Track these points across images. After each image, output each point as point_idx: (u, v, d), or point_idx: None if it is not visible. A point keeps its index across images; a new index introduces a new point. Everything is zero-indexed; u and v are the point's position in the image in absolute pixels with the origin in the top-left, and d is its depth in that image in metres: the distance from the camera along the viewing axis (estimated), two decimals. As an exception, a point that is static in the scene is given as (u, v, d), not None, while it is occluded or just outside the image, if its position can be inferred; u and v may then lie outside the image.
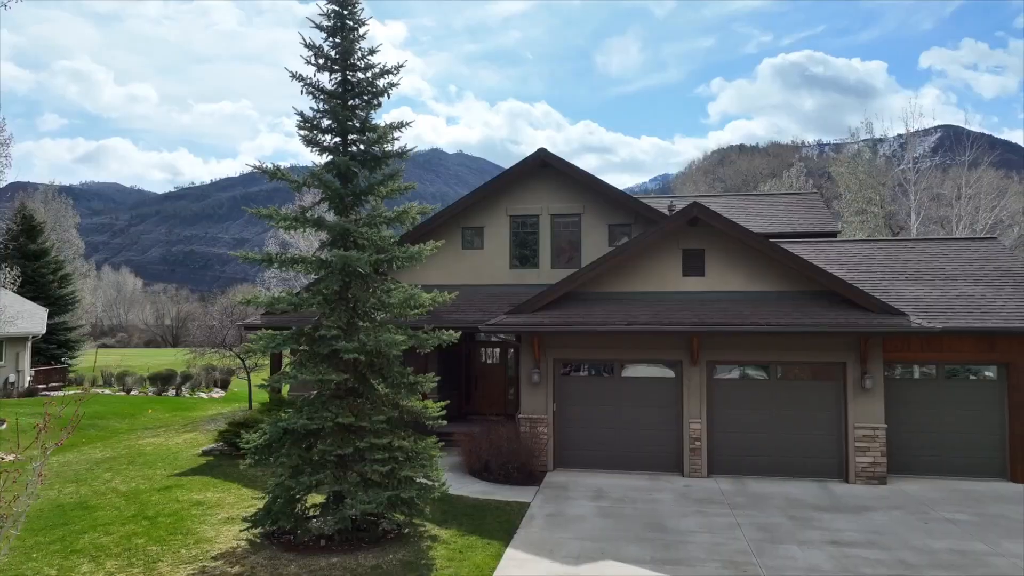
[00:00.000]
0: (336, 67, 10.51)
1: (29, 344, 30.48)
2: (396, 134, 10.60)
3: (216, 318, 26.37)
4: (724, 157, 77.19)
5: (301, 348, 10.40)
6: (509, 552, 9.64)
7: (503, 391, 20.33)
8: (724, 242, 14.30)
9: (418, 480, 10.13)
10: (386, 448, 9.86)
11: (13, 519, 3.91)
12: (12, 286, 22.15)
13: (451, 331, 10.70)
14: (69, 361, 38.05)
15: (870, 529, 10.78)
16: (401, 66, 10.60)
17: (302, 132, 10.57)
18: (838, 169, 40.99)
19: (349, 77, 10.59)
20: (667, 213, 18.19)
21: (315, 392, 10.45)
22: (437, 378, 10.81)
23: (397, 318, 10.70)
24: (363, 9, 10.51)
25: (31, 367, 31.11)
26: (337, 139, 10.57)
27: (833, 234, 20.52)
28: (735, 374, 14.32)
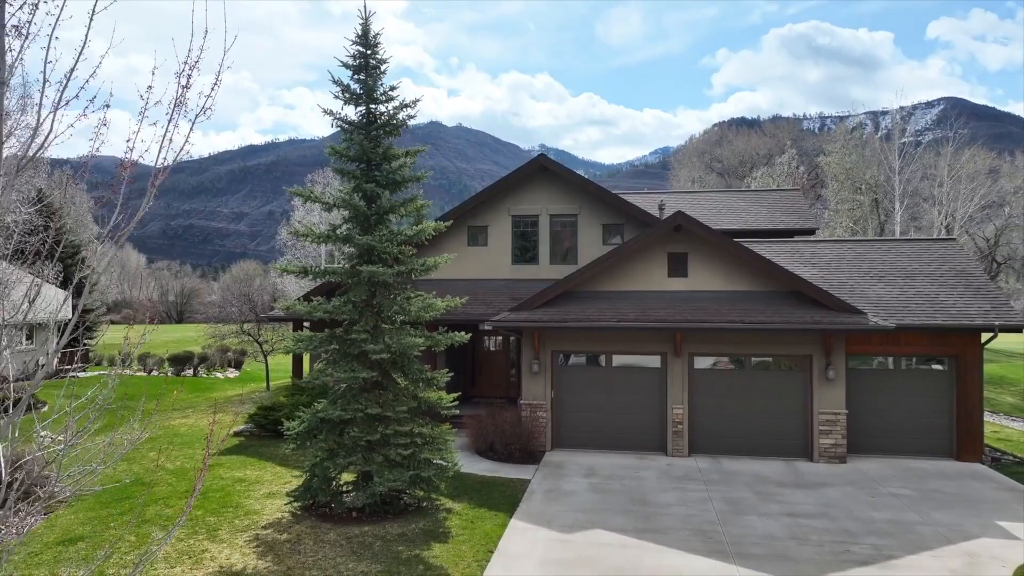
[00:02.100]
0: (361, 102, 11.96)
1: (55, 328, 32.16)
2: (410, 160, 12.13)
3: (235, 305, 27.93)
4: (722, 136, 78.06)
5: (332, 347, 12.02)
6: (513, 522, 11.38)
7: (505, 375, 22.01)
8: (705, 246, 15.86)
9: (435, 461, 11.83)
10: (408, 434, 11.54)
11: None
12: (55, 281, 23.77)
13: (461, 332, 12.33)
14: (89, 342, 39.74)
15: (823, 503, 12.52)
16: (418, 100, 12.07)
17: (332, 158, 12.07)
18: (827, 159, 42.22)
19: (372, 109, 12.05)
20: (656, 214, 19.71)
21: (344, 384, 12.08)
22: (450, 374, 12.46)
23: (415, 320, 12.31)
24: (385, 50, 11.94)
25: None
26: (363, 166, 12.06)
27: (812, 231, 22.05)
28: (714, 365, 15.98)
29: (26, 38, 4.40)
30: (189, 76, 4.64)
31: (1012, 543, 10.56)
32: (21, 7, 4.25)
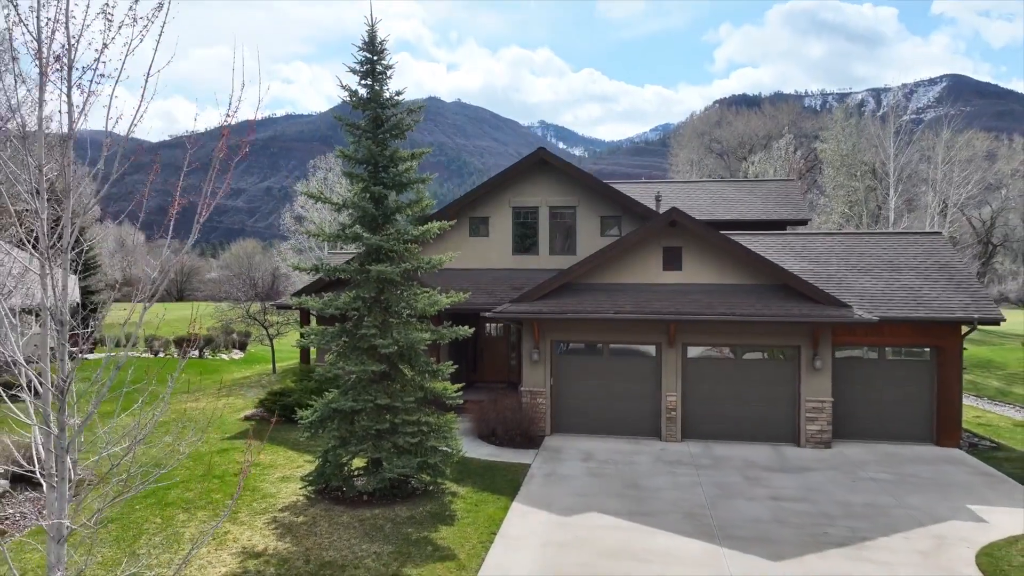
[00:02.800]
0: (368, 107, 12.48)
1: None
2: (414, 163, 12.70)
3: (240, 289, 28.55)
4: (722, 117, 78.05)
5: (343, 340, 12.68)
6: (514, 506, 12.13)
7: (506, 360, 22.71)
8: (698, 241, 16.47)
9: (441, 448, 12.55)
10: (415, 423, 12.25)
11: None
12: (74, 274, 24.63)
13: (465, 327, 13.00)
14: (95, 323, 40.50)
15: (806, 487, 13.29)
16: (421, 107, 12.61)
17: (341, 162, 12.61)
18: (823, 146, 42.69)
19: (380, 113, 12.57)
20: (652, 207, 20.27)
21: (354, 376, 12.75)
22: (455, 366, 13.15)
23: (421, 314, 12.96)
24: (390, 56, 12.43)
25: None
26: (370, 168, 12.61)
27: (805, 221, 22.65)
28: (706, 354, 16.67)
29: (88, 94, 4.98)
30: (229, 124, 5.22)
31: (980, 526, 11.33)
32: (84, 71, 4.82)
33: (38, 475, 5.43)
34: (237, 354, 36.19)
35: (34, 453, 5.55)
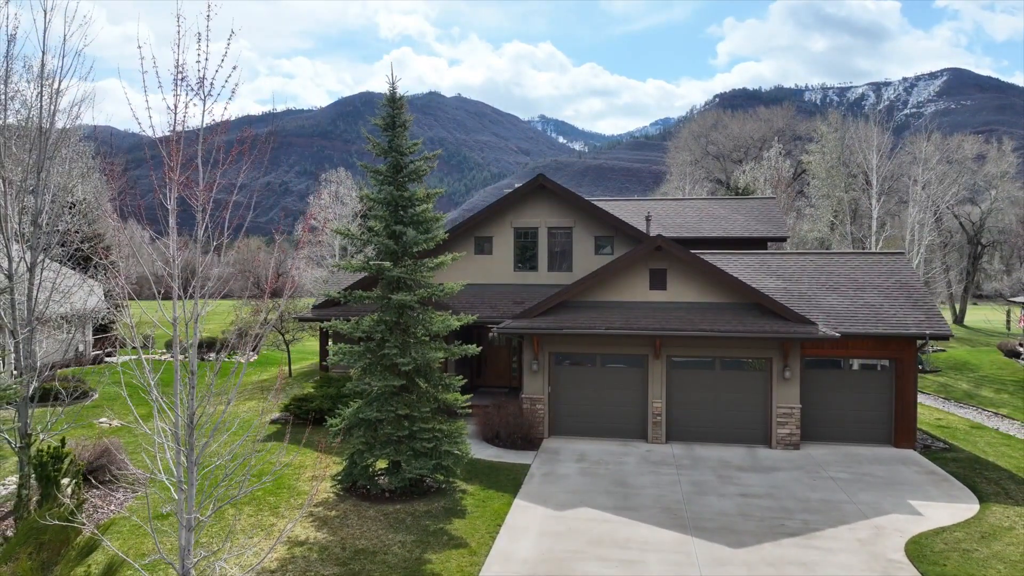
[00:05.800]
0: (389, 155, 14.33)
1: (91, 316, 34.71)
2: (429, 205, 14.54)
3: (250, 291, 30.45)
4: (718, 120, 79.78)
5: (368, 358, 14.54)
6: (516, 501, 14.03)
7: (508, 366, 24.60)
8: (681, 264, 18.33)
9: (452, 452, 14.43)
10: (430, 430, 14.14)
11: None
12: (100, 287, 26.43)
13: (473, 345, 14.87)
14: (114, 326, 42.35)
15: (772, 484, 15.18)
16: (438, 152, 14.46)
17: (364, 205, 14.46)
18: (810, 159, 44.56)
19: (399, 160, 14.41)
20: (644, 225, 22.10)
21: (377, 388, 14.62)
22: (464, 380, 15.03)
23: (435, 334, 14.82)
24: (408, 112, 14.27)
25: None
26: (391, 208, 14.46)
27: (784, 238, 24.48)
28: (688, 365, 18.55)
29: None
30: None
31: (915, 518, 13.23)
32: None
33: (167, 482, 7.30)
34: (251, 356, 38.05)
35: (157, 465, 7.42)
